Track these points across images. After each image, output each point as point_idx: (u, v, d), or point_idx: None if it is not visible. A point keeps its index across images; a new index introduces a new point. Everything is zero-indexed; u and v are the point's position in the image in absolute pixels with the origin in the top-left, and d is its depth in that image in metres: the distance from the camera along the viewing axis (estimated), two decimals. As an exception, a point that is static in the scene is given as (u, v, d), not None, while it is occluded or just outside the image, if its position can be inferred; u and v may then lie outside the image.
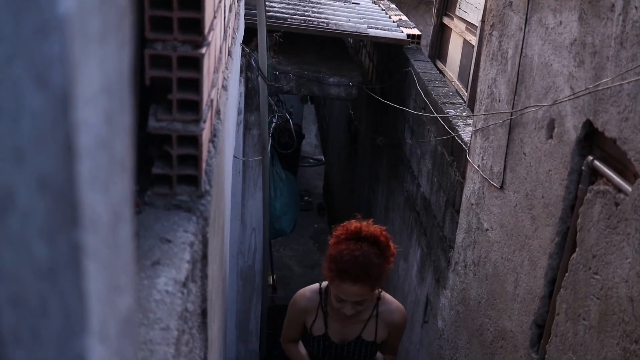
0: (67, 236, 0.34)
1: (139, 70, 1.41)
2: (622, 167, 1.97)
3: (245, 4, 4.57)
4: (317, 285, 3.17)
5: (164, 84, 1.39)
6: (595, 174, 2.12)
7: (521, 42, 2.73)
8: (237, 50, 3.67)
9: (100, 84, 0.35)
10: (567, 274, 2.23)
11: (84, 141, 0.33)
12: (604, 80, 1.99)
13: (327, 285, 3.04)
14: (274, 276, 7.20)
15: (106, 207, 0.38)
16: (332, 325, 3.11)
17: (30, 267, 0.35)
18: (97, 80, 0.35)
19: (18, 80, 0.31)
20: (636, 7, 1.82)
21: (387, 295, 3.17)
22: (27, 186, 0.33)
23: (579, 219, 2.15)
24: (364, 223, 2.90)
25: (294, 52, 5.92)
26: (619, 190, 1.92)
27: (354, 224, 2.89)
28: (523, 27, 2.71)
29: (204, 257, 1.55)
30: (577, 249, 2.16)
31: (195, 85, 1.42)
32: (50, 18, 0.30)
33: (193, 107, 1.43)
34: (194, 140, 1.44)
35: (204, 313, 1.55)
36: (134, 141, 1.45)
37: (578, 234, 2.16)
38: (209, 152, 1.64)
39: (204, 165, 1.52)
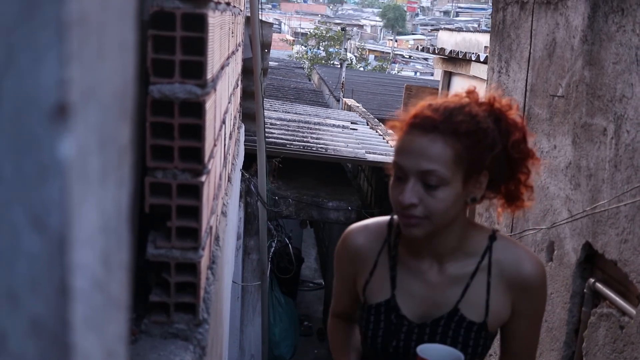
0: (59, 379, 0.33)
1: (139, 197, 1.43)
2: (624, 288, 1.95)
3: (245, 131, 4.68)
4: (386, 217, 1.72)
5: (163, 211, 1.40)
6: (598, 296, 2.10)
7: (516, 166, 2.77)
8: (237, 176, 3.72)
9: (98, 225, 0.35)
10: (575, 401, 2.16)
11: (79, 283, 0.33)
12: (600, 203, 2.00)
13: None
14: (274, 405, 6.97)
15: (100, 347, 0.38)
16: (405, 284, 1.63)
17: (19, 412, 0.34)
18: (95, 221, 0.35)
19: (15, 223, 0.31)
20: (627, 131, 1.86)
21: (506, 236, 1.77)
22: (20, 329, 0.32)
23: (584, 343, 2.11)
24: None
25: (293, 177, 6.01)
26: (623, 312, 1.90)
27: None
28: (518, 151, 2.76)
29: (201, 387, 1.51)
30: (584, 375, 2.11)
31: (194, 212, 1.43)
32: (51, 162, 0.31)
33: (192, 235, 1.44)
34: (193, 268, 1.43)
35: None
36: (132, 269, 1.44)
37: (584, 358, 2.11)
38: (207, 279, 1.63)
39: (202, 292, 1.51)
